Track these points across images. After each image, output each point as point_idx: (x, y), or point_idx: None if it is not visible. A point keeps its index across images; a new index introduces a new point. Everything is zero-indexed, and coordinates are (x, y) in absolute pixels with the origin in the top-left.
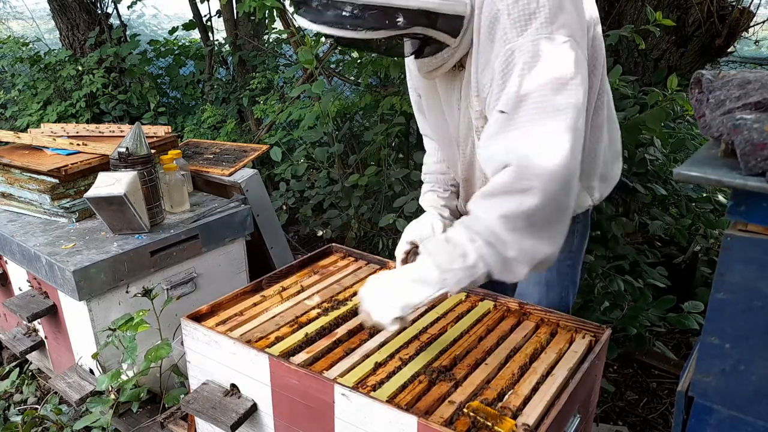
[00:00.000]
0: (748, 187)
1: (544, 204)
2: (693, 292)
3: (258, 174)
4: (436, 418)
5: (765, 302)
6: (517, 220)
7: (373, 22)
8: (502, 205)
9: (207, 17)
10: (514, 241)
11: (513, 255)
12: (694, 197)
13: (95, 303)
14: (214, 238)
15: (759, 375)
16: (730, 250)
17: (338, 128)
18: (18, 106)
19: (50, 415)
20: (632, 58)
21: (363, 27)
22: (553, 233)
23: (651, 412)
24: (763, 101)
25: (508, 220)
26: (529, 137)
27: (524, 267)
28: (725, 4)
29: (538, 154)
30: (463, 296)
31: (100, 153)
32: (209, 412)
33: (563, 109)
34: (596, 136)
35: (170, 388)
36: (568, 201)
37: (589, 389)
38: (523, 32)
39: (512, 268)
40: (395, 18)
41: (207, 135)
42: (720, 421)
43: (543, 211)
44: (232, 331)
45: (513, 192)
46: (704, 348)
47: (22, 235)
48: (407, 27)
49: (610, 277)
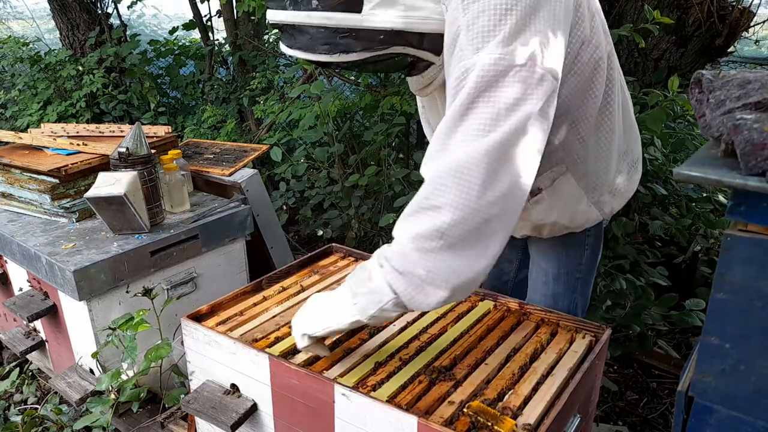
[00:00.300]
0: (748, 187)
1: (457, 221)
2: (693, 292)
3: (258, 174)
4: (436, 418)
5: (765, 302)
6: (429, 239)
7: (346, 45)
8: (415, 223)
9: (207, 17)
10: (425, 261)
11: (424, 275)
12: (694, 197)
13: (95, 303)
14: (214, 238)
15: (759, 375)
16: (730, 250)
17: (338, 128)
18: (18, 106)
19: (50, 415)
20: (632, 58)
21: (335, 51)
22: (473, 253)
23: (651, 412)
24: (763, 101)
25: (419, 239)
26: (451, 156)
27: (441, 291)
28: (725, 4)
29: (453, 171)
30: None
31: (100, 153)
32: (209, 412)
33: (495, 133)
34: (603, 148)
35: (170, 388)
36: (489, 221)
37: (589, 389)
38: (478, 51)
39: (426, 291)
40: (369, 40)
41: (207, 135)
42: (720, 421)
43: (456, 228)
44: (232, 331)
45: (425, 209)
46: (704, 348)
47: (22, 235)
48: (384, 48)
49: (612, 275)
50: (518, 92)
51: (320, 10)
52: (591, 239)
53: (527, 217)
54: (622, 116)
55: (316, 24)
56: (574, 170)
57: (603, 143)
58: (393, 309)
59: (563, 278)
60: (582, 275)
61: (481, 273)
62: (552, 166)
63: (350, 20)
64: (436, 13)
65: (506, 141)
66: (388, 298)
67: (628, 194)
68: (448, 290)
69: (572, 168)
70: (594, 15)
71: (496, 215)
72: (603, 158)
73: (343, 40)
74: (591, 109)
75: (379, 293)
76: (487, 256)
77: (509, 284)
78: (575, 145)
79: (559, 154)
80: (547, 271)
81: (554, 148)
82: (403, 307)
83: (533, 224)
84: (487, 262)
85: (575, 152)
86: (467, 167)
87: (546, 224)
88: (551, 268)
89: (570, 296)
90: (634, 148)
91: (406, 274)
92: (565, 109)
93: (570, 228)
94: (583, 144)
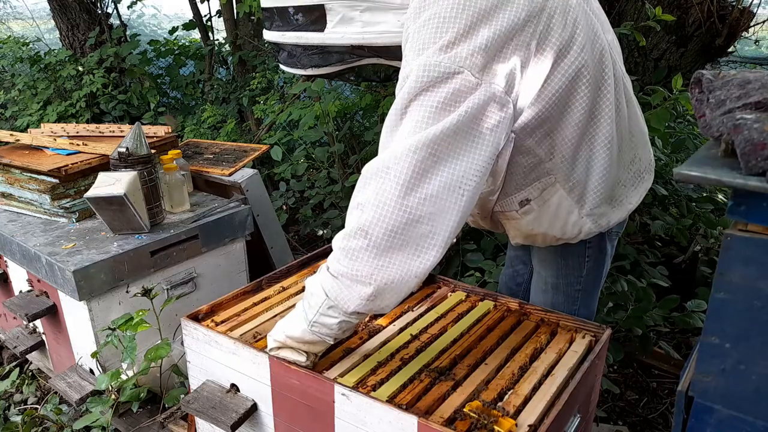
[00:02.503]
0: (748, 187)
1: (377, 219)
2: (693, 291)
3: (258, 174)
4: (436, 418)
5: (765, 302)
6: (354, 237)
7: (318, 60)
8: (347, 225)
9: (207, 17)
10: (349, 260)
11: (350, 274)
12: (695, 197)
13: (95, 303)
14: (214, 238)
15: (759, 375)
16: (730, 249)
17: (338, 128)
18: (18, 106)
19: (50, 415)
20: (632, 58)
21: (309, 65)
22: (402, 255)
23: (651, 412)
24: (763, 101)
25: (345, 238)
26: (379, 159)
27: (366, 288)
28: (725, 4)
29: (377, 170)
30: (463, 296)
31: (100, 153)
32: (209, 412)
33: (422, 133)
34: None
35: (170, 388)
36: (418, 222)
37: (589, 389)
38: (418, 57)
39: (352, 288)
40: (337, 54)
41: (207, 135)
42: (720, 421)
43: (378, 226)
44: (232, 331)
45: (352, 208)
46: (704, 348)
47: (22, 235)
48: (354, 60)
49: (613, 277)
50: (450, 97)
51: (291, 30)
52: (593, 251)
53: (518, 226)
54: (628, 124)
55: (290, 42)
56: (563, 181)
57: (597, 154)
58: (330, 314)
59: (562, 288)
60: (582, 287)
61: (415, 275)
62: (540, 177)
63: (315, 38)
64: (395, 26)
65: (434, 140)
66: (321, 300)
67: (630, 205)
68: (374, 287)
69: (561, 179)
70: (576, 26)
71: (424, 216)
72: (597, 169)
73: (314, 56)
74: (573, 120)
75: (316, 296)
76: (423, 259)
77: (523, 286)
78: (562, 156)
79: (546, 165)
80: (546, 279)
81: (539, 159)
82: (339, 311)
83: (524, 234)
84: (423, 265)
85: (563, 163)
86: (393, 164)
87: (537, 234)
88: (550, 277)
89: (569, 308)
90: (642, 156)
91: (336, 274)
92: (542, 120)
93: (562, 239)
94: (572, 155)
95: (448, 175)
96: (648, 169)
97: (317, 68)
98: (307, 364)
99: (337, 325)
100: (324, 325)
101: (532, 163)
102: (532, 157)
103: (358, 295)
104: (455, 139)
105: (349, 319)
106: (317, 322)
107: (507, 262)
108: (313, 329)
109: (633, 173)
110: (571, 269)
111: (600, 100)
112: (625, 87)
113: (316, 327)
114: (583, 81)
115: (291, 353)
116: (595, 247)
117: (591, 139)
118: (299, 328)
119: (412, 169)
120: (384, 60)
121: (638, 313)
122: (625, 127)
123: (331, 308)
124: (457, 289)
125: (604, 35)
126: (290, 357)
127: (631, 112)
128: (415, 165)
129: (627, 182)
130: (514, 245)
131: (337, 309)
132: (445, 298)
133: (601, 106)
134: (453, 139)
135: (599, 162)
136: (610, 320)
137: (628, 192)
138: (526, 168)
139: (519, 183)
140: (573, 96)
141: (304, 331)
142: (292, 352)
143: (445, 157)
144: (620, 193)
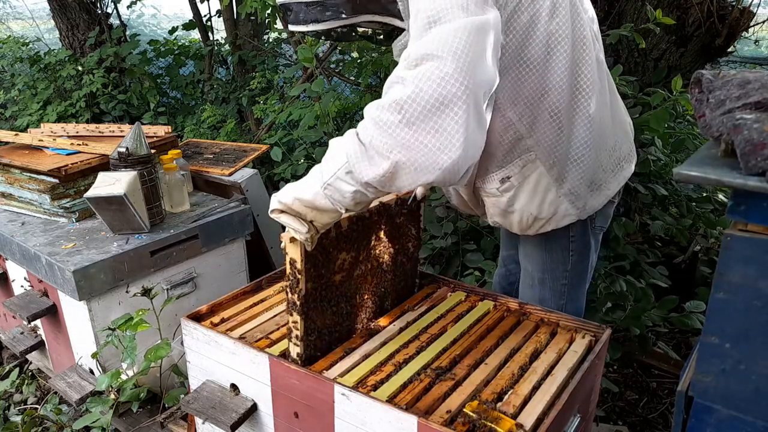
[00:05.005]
0: (748, 187)
1: (415, 96)
2: (693, 291)
3: (258, 174)
4: (436, 418)
5: (765, 302)
6: (389, 111)
7: (317, 15)
8: (383, 98)
9: (207, 17)
10: (379, 131)
11: (375, 144)
12: (695, 197)
13: (95, 303)
14: (214, 238)
15: (759, 375)
16: (730, 249)
17: (338, 128)
18: (18, 106)
19: (50, 415)
20: (632, 58)
21: (309, 21)
22: (425, 131)
23: (651, 412)
24: (763, 101)
25: (380, 109)
26: (420, 44)
27: (385, 162)
28: (725, 4)
29: (421, 50)
30: (463, 296)
31: (100, 153)
32: (209, 412)
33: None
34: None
35: (170, 388)
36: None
37: (589, 389)
38: None
39: (373, 160)
40: (335, 10)
41: (207, 135)
42: (720, 421)
43: (414, 103)
44: (232, 331)
45: (392, 83)
46: (704, 348)
47: (22, 235)
48: (351, 16)
49: (612, 277)
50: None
51: None
52: (577, 245)
53: (497, 203)
54: (610, 112)
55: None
56: (543, 158)
57: (577, 132)
58: (347, 180)
59: (548, 283)
60: (568, 281)
61: (440, 167)
62: (521, 154)
63: None
64: None
65: (469, 26)
66: (341, 163)
67: (609, 191)
68: (392, 163)
69: (541, 156)
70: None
71: (458, 95)
72: (577, 148)
73: (313, 12)
74: (553, 93)
75: (336, 159)
76: (443, 141)
77: (516, 285)
78: (543, 132)
79: (527, 141)
80: (533, 275)
81: (520, 134)
82: (355, 179)
83: (502, 210)
84: (446, 149)
85: (544, 140)
86: (440, 47)
87: (514, 211)
88: (536, 272)
89: (556, 302)
90: (622, 146)
91: (363, 141)
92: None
93: (539, 218)
94: (554, 132)
95: (479, 53)
96: (627, 159)
97: (317, 23)
98: (306, 237)
99: (351, 194)
100: (338, 190)
101: (513, 139)
102: (513, 132)
103: (377, 167)
104: (481, 32)
105: (364, 190)
106: (332, 185)
107: (500, 262)
108: (327, 192)
109: (614, 160)
110: (556, 263)
111: (581, 76)
112: (608, 75)
113: (329, 190)
114: (556, 58)
115: (292, 220)
116: (579, 241)
117: (572, 116)
118: (311, 190)
119: (449, 53)
120: (379, 17)
121: (637, 313)
122: (608, 114)
123: (349, 173)
124: (457, 289)
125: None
126: (291, 224)
127: (613, 99)
128: (465, 47)
129: (607, 168)
130: (491, 224)
131: (354, 176)
132: (445, 298)
133: (582, 83)
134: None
135: (580, 140)
136: (609, 320)
137: (608, 178)
138: (507, 145)
139: (500, 161)
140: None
141: (316, 194)
142: (294, 220)
143: None
144: (600, 178)
